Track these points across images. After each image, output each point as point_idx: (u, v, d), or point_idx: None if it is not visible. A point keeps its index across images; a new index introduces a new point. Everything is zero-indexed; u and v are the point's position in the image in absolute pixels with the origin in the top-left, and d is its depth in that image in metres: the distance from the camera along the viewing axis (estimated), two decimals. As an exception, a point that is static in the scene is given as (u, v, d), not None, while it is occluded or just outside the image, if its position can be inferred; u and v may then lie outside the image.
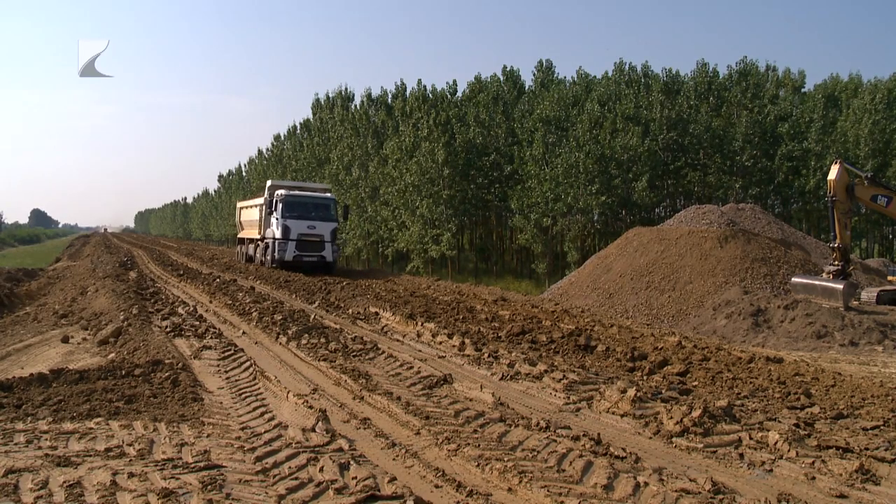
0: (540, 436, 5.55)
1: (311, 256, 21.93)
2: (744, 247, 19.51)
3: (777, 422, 6.09)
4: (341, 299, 14.68)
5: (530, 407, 6.84)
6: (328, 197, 23.39)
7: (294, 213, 22.05)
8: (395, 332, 11.20)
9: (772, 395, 7.56)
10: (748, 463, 5.12)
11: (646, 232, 22.14)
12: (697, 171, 34.94)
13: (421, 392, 7.17)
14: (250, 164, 75.06)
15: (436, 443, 5.44)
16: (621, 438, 5.84)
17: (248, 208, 27.19)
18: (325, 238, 22.23)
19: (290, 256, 21.66)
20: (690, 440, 5.59)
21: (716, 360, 9.54)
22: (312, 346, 9.37)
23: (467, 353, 9.26)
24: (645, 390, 7.13)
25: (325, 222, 22.40)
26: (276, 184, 24.39)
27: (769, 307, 14.83)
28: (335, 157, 45.56)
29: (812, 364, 9.49)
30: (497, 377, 7.97)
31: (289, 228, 21.81)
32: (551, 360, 8.96)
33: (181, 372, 7.51)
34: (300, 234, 21.88)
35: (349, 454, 5.15)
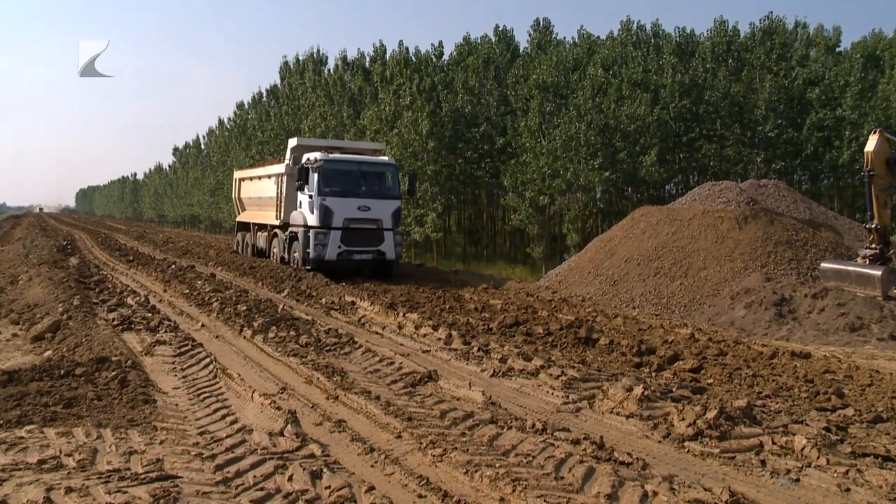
0: (535, 439, 5.56)
1: (365, 252, 16.55)
2: (766, 228, 19.59)
3: (804, 425, 6.14)
4: (314, 287, 14.74)
5: (525, 407, 6.87)
6: (386, 162, 17.43)
7: (338, 186, 16.39)
8: (373, 323, 11.26)
9: (798, 395, 7.63)
10: (771, 471, 5.16)
11: (655, 212, 22.23)
12: (714, 144, 34.92)
13: (402, 391, 7.22)
14: (210, 136, 74.44)
15: (419, 447, 5.46)
16: (627, 442, 5.87)
17: (254, 180, 21.44)
18: (383, 224, 16.73)
19: (334, 254, 16.17)
20: (705, 445, 5.63)
21: (733, 354, 9.60)
22: (281, 340, 9.42)
23: (454, 346, 9.32)
24: (653, 388, 7.16)
25: (383, 200, 16.81)
26: (305, 143, 18.88)
27: (795, 296, 14.88)
28: (306, 128, 45.23)
29: (845, 360, 9.55)
30: (488, 374, 8.01)
31: (330, 211, 16.26)
32: (548, 355, 9.01)
33: (130, 370, 7.45)
34: (348, 220, 16.36)
35: (322, 461, 5.15)
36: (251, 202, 21.91)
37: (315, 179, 16.39)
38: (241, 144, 56.73)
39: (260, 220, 20.52)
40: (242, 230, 22.82)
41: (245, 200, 22.67)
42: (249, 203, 22.19)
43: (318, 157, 16.61)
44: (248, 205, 22.39)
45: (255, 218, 21.18)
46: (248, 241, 22.05)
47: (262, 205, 20.44)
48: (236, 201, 23.76)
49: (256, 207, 21.21)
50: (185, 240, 34.16)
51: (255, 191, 21.37)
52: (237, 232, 23.59)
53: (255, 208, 21.31)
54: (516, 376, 7.86)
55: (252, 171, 22.41)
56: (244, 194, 22.73)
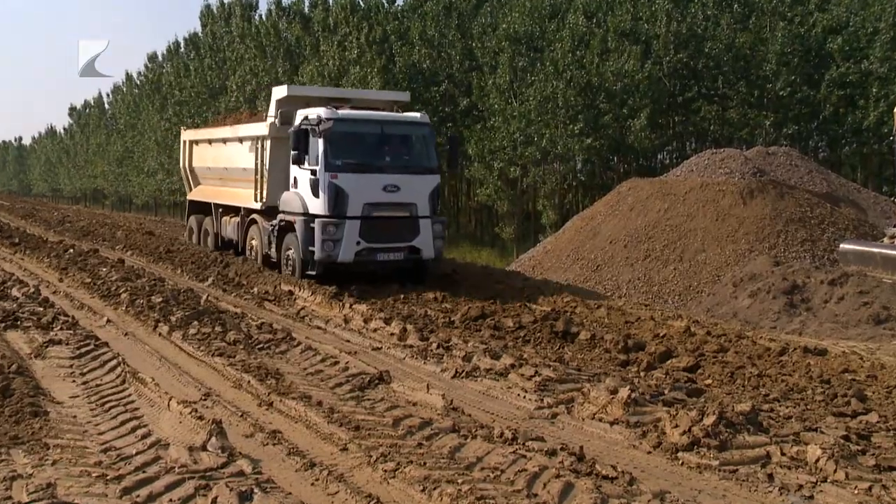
0: (505, 450, 5.59)
1: (393, 250, 13.85)
2: (775, 203, 19.86)
3: (819, 433, 6.25)
4: (244, 274, 14.67)
5: (492, 413, 6.90)
6: (418, 120, 14.72)
7: (354, 157, 13.70)
8: (315, 316, 11.24)
9: (812, 398, 7.79)
10: (779, 487, 5.25)
11: (645, 185, 22.46)
12: (714, 105, 35.07)
13: (349, 395, 7.24)
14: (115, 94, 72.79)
15: (368, 461, 5.46)
16: (611, 453, 5.93)
17: (217, 145, 18.21)
18: (417, 209, 14.00)
19: (350, 253, 13.41)
20: (702, 456, 5.71)
21: (736, 350, 9.77)
22: (204, 337, 9.42)
23: (410, 342, 9.35)
24: (642, 390, 7.24)
25: (417, 175, 14.13)
26: (299, 93, 16.20)
27: (809, 282, 15.08)
28: (234, 86, 44.48)
29: (867, 357, 9.74)
30: (449, 374, 8.05)
31: (344, 194, 13.41)
32: (520, 352, 9.05)
33: (15, 377, 7.30)
34: (370, 206, 13.59)
35: (253, 479, 5.12)
36: (212, 175, 18.68)
37: (320, 148, 13.37)
38: (154, 104, 55.61)
39: (227, 199, 17.50)
40: (197, 213, 19.69)
41: (201, 172, 19.41)
42: (209, 176, 18.98)
43: (323, 114, 13.54)
44: (205, 178, 19.28)
45: (218, 197, 18.05)
46: (206, 228, 19.01)
47: (229, 179, 17.51)
48: (186, 171, 20.32)
49: (219, 182, 18.14)
50: (85, 218, 33.39)
51: (218, 159, 18.04)
52: (189, 215, 20.47)
53: (218, 183, 18.24)
54: (482, 377, 7.87)
55: (213, 132, 18.87)
56: (199, 163, 19.40)
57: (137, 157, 57.42)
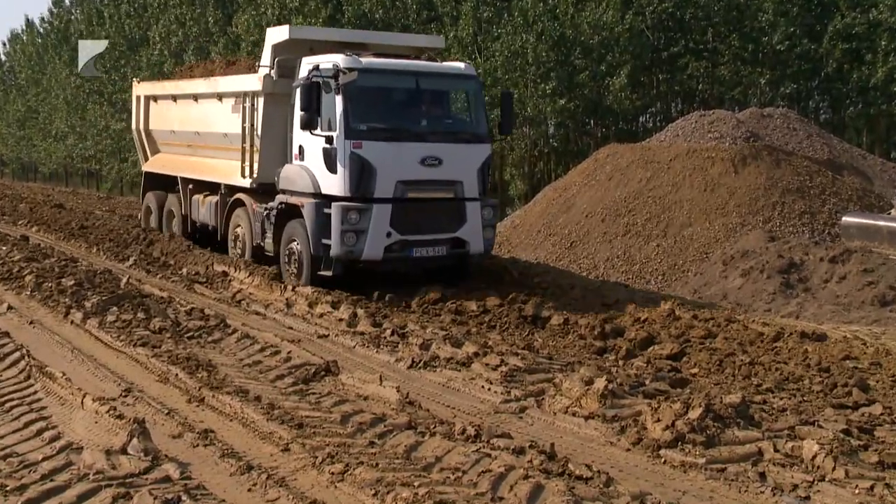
0: (467, 449, 5.61)
1: (434, 244, 12.28)
2: (770, 172, 19.98)
3: (817, 427, 6.34)
4: (171, 253, 14.63)
5: (453, 407, 6.93)
6: (462, 72, 13.16)
7: (382, 120, 12.33)
8: (253, 300, 11.24)
9: (809, 388, 7.94)
10: (772, 487, 5.31)
11: (625, 152, 22.53)
12: (703, 61, 35.10)
13: (291, 389, 7.26)
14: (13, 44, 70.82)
15: (313, 463, 5.46)
16: (586, 451, 5.98)
17: (184, 102, 16.50)
18: (463, 189, 12.45)
19: (378, 248, 11.84)
20: (687, 453, 5.78)
21: (726, 336, 9.91)
22: (125, 325, 9.38)
23: (361, 329, 9.36)
24: (620, 381, 7.31)
25: (463, 145, 12.70)
26: (302, 36, 14.40)
27: (807, 260, 15.25)
28: (158, 37, 43.62)
29: (871, 343, 9.89)
30: (405, 364, 8.08)
31: (371, 169, 11.78)
32: (484, 339, 9.08)
33: None
34: (405, 184, 12.03)
35: (181, 485, 5.09)
36: (177, 141, 16.82)
37: (339, 108, 11.75)
38: (62, 57, 54.29)
39: (200, 173, 15.72)
40: (156, 189, 17.69)
41: (162, 137, 17.57)
42: (173, 142, 17.08)
43: (342, 63, 11.85)
44: (168, 144, 17.40)
45: (187, 170, 16.17)
46: (171, 209, 17.00)
47: (202, 147, 15.75)
48: (140, 135, 18.37)
49: (188, 151, 16.33)
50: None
51: (187, 121, 16.24)
52: (145, 192, 18.37)
53: (187, 152, 16.41)
54: (442, 367, 7.90)
55: (181, 86, 16.90)
56: (160, 124, 17.57)
57: (43, 118, 56.05)
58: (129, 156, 42.72)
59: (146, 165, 18.27)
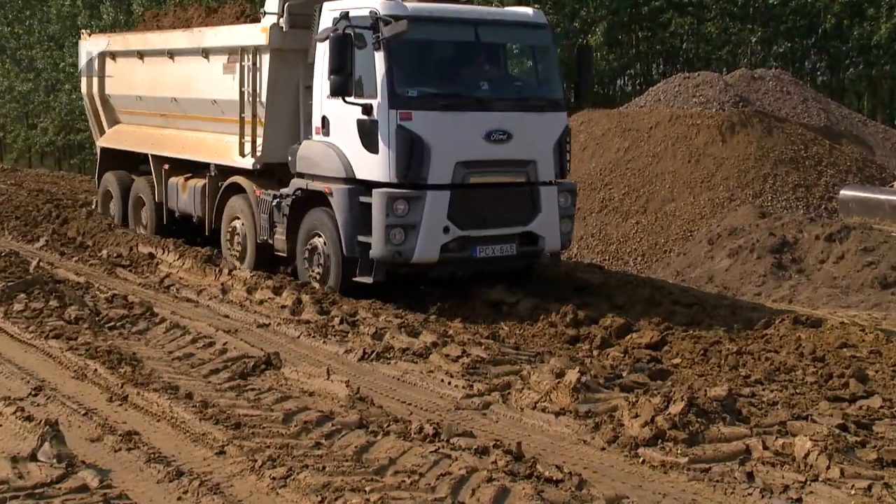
0: (424, 449, 5.59)
1: (500, 241, 10.91)
2: (761, 140, 20.06)
3: (810, 422, 6.37)
4: (88, 233, 14.38)
5: (410, 403, 6.92)
6: (529, 20, 11.68)
7: (437, 83, 11.12)
8: (183, 285, 11.19)
9: (802, 380, 7.98)
10: (761, 488, 5.32)
11: (601, 118, 22.50)
12: (688, 17, 34.98)
13: (228, 384, 7.20)
14: None
15: (252, 467, 5.41)
16: (556, 450, 5.98)
17: (152, 60, 14.89)
18: (536, 172, 11.11)
19: (434, 247, 10.46)
20: (668, 452, 5.78)
21: (711, 323, 9.94)
22: (35, 315, 9.27)
23: (306, 317, 9.32)
24: (595, 373, 7.33)
25: (535, 114, 11.31)
26: None
27: (801, 238, 15.36)
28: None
29: (870, 329, 9.92)
30: (355, 356, 8.05)
31: (423, 147, 10.36)
32: (444, 327, 9.07)
33: None
34: (466, 166, 10.66)
35: (100, 495, 5.02)
36: (147, 109, 15.18)
37: (380, 68, 10.36)
38: None
39: (180, 150, 14.12)
40: (117, 168, 16.01)
41: (125, 104, 15.89)
42: (141, 110, 15.43)
43: (381, 9, 10.37)
44: (133, 113, 15.74)
45: (161, 146, 14.59)
46: (139, 195, 15.16)
47: (182, 117, 14.23)
48: (94, 102, 16.64)
49: (162, 122, 14.80)
50: None
51: (160, 84, 14.59)
52: (101, 172, 16.57)
53: (160, 123, 14.87)
54: (397, 359, 7.88)
55: (150, 40, 15.20)
56: (122, 89, 15.89)
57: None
58: (39, 122, 41.70)
59: (103, 140, 16.55)
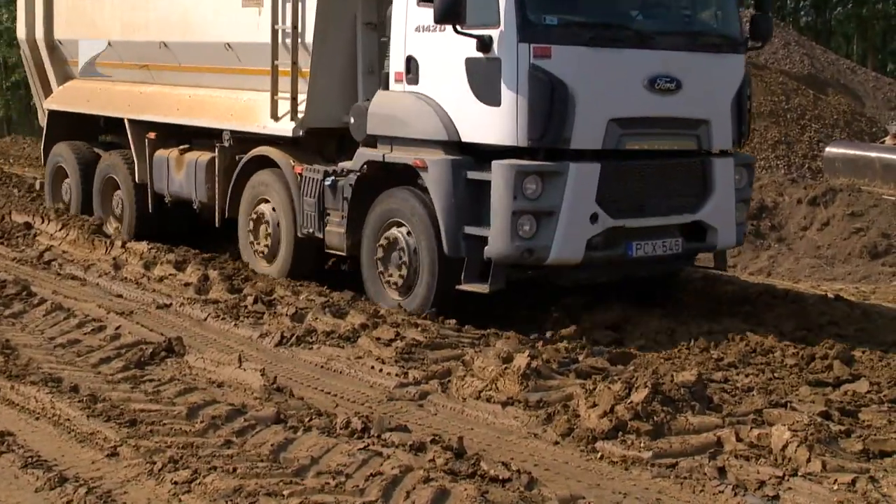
0: (351, 446, 5.54)
1: (664, 236, 9.31)
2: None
3: (790, 409, 6.44)
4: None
5: (335, 394, 6.93)
6: None
7: (583, 10, 9.44)
8: (68, 260, 11.16)
9: (780, 362, 8.03)
10: (733, 485, 5.32)
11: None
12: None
13: (122, 375, 7.16)
14: None
15: (150, 471, 5.32)
16: (503, 445, 5.98)
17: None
18: (708, 136, 9.51)
19: (578, 245, 8.75)
20: (629, 446, 5.79)
21: (679, 298, 10.08)
22: None
23: (214, 296, 9.36)
24: (547, 357, 7.32)
25: (708, 56, 9.69)
26: None
27: (782, 202, 15.52)
28: None
29: (858, 304, 10.07)
30: (271, 340, 8.06)
31: (567, 97, 8.62)
32: (375, 307, 9.09)
33: None
34: (621, 125, 8.95)
35: (-35, 507, 5.01)
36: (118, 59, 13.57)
37: None
38: None
39: (174, 114, 12.48)
40: (70, 139, 14.43)
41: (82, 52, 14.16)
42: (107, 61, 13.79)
43: None
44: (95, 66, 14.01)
45: (143, 108, 12.96)
46: (109, 174, 13.48)
47: (169, 69, 12.71)
48: (36, 50, 15.03)
49: (144, 76, 13.25)
50: None
51: (140, 23, 12.97)
52: (49, 144, 14.79)
53: (139, 78, 13.33)
54: (320, 344, 7.88)
55: None
56: (78, 31, 14.22)
57: None
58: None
59: (51, 101, 14.74)
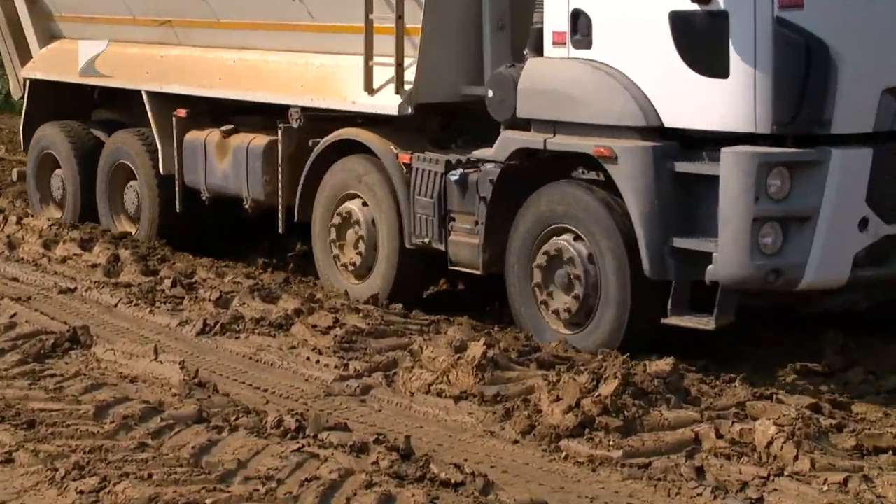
0: (284, 448, 5.52)
1: None
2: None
3: (776, 402, 6.48)
4: None
5: (265, 388, 6.96)
6: None
7: None
8: None
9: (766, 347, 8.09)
10: (713, 487, 5.32)
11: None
12: None
13: (18, 370, 7.16)
14: None
15: (52, 478, 5.25)
16: (456, 445, 6.00)
17: None
18: None
19: (843, 264, 7.46)
20: (597, 444, 5.80)
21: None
22: None
23: (126, 279, 9.35)
24: (505, 345, 7.35)
25: None
26: None
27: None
28: None
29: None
30: (192, 329, 8.10)
31: (829, 61, 7.48)
32: (311, 290, 9.15)
33: None
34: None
35: None
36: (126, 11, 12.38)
37: None
38: None
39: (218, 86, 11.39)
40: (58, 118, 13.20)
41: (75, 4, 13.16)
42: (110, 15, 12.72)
43: None
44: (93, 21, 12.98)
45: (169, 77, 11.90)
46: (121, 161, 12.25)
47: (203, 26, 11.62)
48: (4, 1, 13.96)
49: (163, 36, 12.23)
50: None
51: None
52: (30, 125, 13.49)
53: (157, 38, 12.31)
54: (248, 332, 7.90)
55: None
56: None
57: None
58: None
59: (33, 67, 13.36)
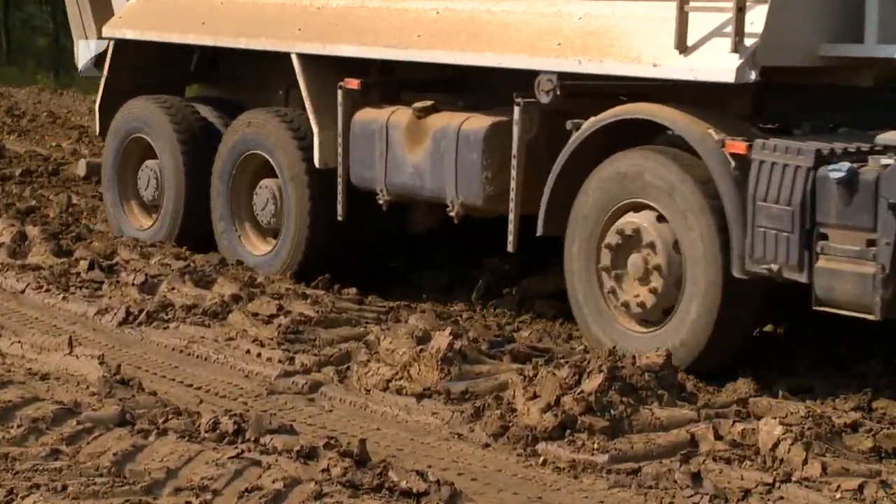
0: (221, 454, 5.48)
1: None
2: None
3: (782, 398, 6.54)
4: None
5: (198, 386, 6.98)
6: None
7: None
8: None
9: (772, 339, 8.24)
10: (711, 495, 5.34)
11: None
12: None
13: None
14: None
15: None
16: (418, 449, 6.02)
17: None
18: None
19: None
20: (580, 447, 5.82)
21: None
22: None
23: (36, 260, 9.39)
24: (475, 335, 7.37)
25: None
26: None
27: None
28: None
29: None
30: (114, 319, 8.09)
31: None
32: (249, 274, 9.16)
33: None
34: None
35: None
36: None
37: None
38: None
39: (417, 43, 10.15)
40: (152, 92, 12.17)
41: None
42: None
43: None
44: None
45: (331, 34, 10.75)
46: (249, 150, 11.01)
47: None
48: None
49: None
50: None
51: None
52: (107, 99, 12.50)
53: None
54: (179, 321, 7.91)
55: None
56: None
57: None
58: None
59: (118, 24, 12.36)
